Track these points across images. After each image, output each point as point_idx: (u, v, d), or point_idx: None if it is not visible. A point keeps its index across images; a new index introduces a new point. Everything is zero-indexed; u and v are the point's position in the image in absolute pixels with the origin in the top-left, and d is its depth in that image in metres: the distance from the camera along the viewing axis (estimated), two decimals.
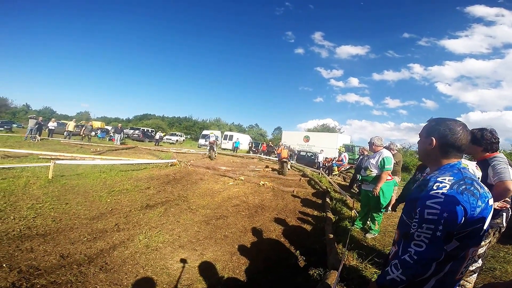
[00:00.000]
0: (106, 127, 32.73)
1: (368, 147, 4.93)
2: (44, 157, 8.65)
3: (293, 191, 7.62)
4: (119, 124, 23.23)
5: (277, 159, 13.84)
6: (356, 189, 9.28)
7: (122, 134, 20.46)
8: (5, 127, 24.54)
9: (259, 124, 66.23)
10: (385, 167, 4.20)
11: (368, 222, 4.72)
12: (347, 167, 12.79)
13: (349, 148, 20.41)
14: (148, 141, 28.54)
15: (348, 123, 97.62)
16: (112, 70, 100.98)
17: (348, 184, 10.29)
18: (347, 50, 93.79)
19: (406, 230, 1.19)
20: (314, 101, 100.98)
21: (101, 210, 4.60)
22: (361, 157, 9.20)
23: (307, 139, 26.20)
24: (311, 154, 19.13)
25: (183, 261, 3.22)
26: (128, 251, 3.30)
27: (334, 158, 16.01)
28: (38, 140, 15.06)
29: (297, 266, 3.36)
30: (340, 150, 15.51)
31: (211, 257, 3.39)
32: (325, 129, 47.41)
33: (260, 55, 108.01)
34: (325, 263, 3.10)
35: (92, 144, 16.43)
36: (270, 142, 25.41)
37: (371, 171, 4.37)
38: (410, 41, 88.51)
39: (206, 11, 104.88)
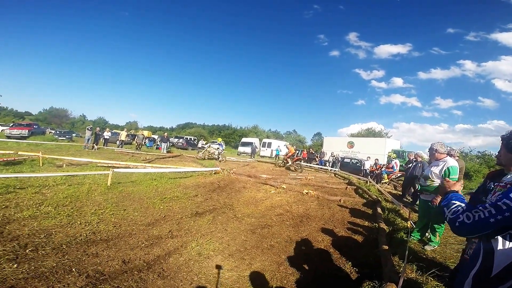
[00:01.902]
0: (153, 136, 35.00)
1: (424, 153, 4.48)
2: (101, 165, 9.43)
3: (339, 200, 7.25)
4: (165, 133, 24.63)
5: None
6: (410, 198, 8.56)
7: (168, 142, 21.62)
8: (67, 136, 26.79)
9: (297, 130, 65.32)
10: (451, 177, 3.77)
11: (427, 233, 4.41)
12: (398, 174, 11.84)
13: (399, 154, 18.88)
14: (192, 149, 29.77)
15: (395, 126, 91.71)
16: (157, 80, 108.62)
17: (400, 193, 9.52)
18: (386, 50, 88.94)
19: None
20: (355, 104, 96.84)
21: (155, 217, 4.78)
22: (414, 164, 8.48)
23: (351, 145, 24.92)
24: (356, 161, 18.14)
25: (234, 270, 3.22)
26: (183, 258, 3.37)
27: (383, 165, 14.98)
28: (95, 149, 16.58)
29: (349, 278, 3.20)
30: (390, 156, 14.51)
31: (259, 267, 3.35)
32: (371, 133, 45.04)
33: (294, 61, 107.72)
34: (379, 275, 2.94)
35: (142, 152, 17.59)
36: (310, 149, 24.53)
37: (433, 180, 3.99)
38: (456, 37, 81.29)
39: (240, 22, 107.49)
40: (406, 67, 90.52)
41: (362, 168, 15.63)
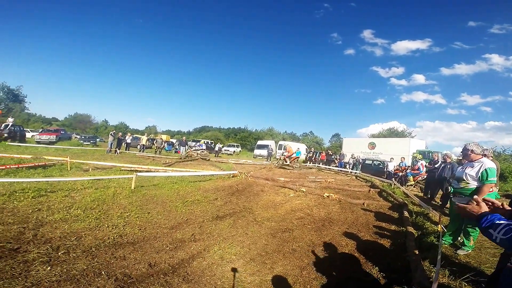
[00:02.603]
0: (171, 140, 35.79)
1: (452, 153, 4.26)
2: (125, 169, 9.72)
3: (363, 204, 7.07)
4: (183, 137, 25.13)
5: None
6: (439, 201, 8.20)
7: (186, 146, 22.03)
8: (91, 141, 27.71)
9: (313, 131, 64.28)
10: (489, 179, 3.58)
11: (459, 237, 4.25)
12: (425, 176, 11.33)
13: (424, 155, 17.95)
14: (209, 153, 30.11)
15: (419, 125, 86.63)
16: (174, 85, 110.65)
17: (428, 196, 9.15)
18: (404, 46, 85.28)
19: None
20: (374, 103, 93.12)
21: (178, 220, 4.86)
22: (442, 165, 8.12)
23: (372, 146, 24.01)
24: (378, 162, 17.54)
25: (256, 274, 3.21)
26: (206, 262, 3.39)
27: (408, 166, 14.39)
28: (117, 153, 17.14)
29: (376, 283, 3.12)
30: (416, 157, 13.91)
31: (281, 271, 3.32)
32: (393, 133, 43.62)
33: (308, 62, 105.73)
34: (409, 281, 2.86)
35: (162, 156, 18.02)
36: (329, 151, 23.91)
37: (468, 183, 3.78)
38: (479, 30, 76.24)
39: (253, 26, 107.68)
40: (427, 63, 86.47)
41: (385, 170, 15.07)
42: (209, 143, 35.11)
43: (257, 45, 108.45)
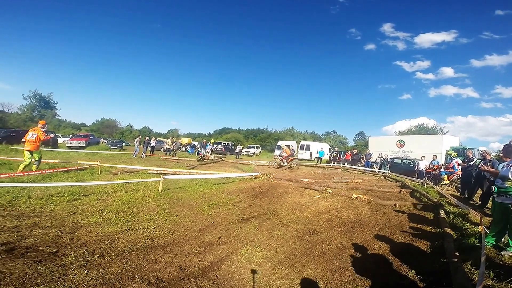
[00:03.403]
0: (193, 142, 36.49)
1: (489, 149, 3.95)
2: (151, 172, 9.99)
3: (394, 205, 6.75)
4: (204, 140, 25.49)
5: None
6: (478, 201, 7.69)
7: (207, 148, 22.34)
8: (118, 145, 28.78)
9: (336, 130, 62.85)
10: None
11: (503, 239, 4.07)
12: (460, 175, 10.63)
13: (459, 152, 16.84)
14: (230, 154, 30.40)
15: (450, 120, 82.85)
16: (195, 88, 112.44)
17: (466, 195, 8.62)
18: (428, 38, 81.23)
19: None
20: (400, 99, 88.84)
21: (205, 223, 4.88)
22: (482, 163, 7.59)
23: (401, 144, 22.87)
24: (408, 161, 16.74)
25: (285, 278, 3.16)
26: (234, 265, 3.38)
27: (442, 165, 13.59)
28: (143, 156, 17.68)
29: (413, 286, 3.01)
30: (451, 155, 13.11)
31: (311, 275, 3.25)
32: (422, 130, 41.89)
33: (327, 59, 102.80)
34: (449, 284, 2.78)
35: (185, 159, 18.37)
36: (355, 150, 23.01)
37: None
38: (508, 18, 70.72)
39: (270, 26, 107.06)
40: (455, 55, 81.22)
41: (415, 169, 14.34)
42: (229, 144, 35.40)
43: (275, 46, 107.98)
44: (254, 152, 34.56)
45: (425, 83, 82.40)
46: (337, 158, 21.88)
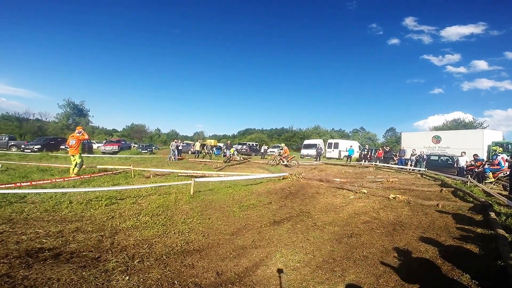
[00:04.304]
0: (219, 144, 36.99)
1: None
2: (182, 174, 10.19)
3: (437, 205, 6.31)
4: (228, 141, 25.76)
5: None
6: None
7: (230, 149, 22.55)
8: (148, 149, 30.21)
9: (364, 127, 60.63)
10: None
11: None
12: (507, 172, 9.69)
13: (504, 147, 15.58)
14: (255, 155, 30.41)
15: (487, 114, 77.19)
16: (218, 90, 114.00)
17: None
18: (456, 31, 76.83)
19: None
20: (430, 94, 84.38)
21: (237, 226, 4.82)
22: None
23: (437, 139, 21.37)
24: (446, 158, 15.66)
25: (325, 283, 3.00)
26: (270, 270, 3.27)
27: (486, 161, 12.53)
28: (172, 159, 18.17)
29: None
30: (496, 150, 12.06)
31: (353, 279, 3.07)
32: (459, 125, 39.52)
33: (350, 56, 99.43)
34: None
35: (212, 160, 18.63)
36: (387, 147, 21.78)
37: None
38: None
39: (290, 25, 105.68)
40: (486, 48, 75.50)
41: (455, 166, 13.38)
42: (254, 145, 35.43)
43: (293, 45, 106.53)
44: (279, 152, 34.26)
45: (457, 77, 77.98)
46: (368, 156, 21.01)
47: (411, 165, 16.99)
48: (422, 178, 12.00)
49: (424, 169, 14.22)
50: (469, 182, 9.34)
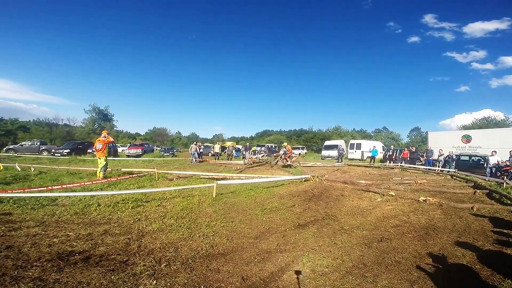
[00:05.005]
0: (237, 146, 37.17)
1: None
2: (203, 177, 10.28)
3: (471, 208, 5.94)
4: (247, 143, 25.81)
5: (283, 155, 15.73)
6: None
7: (250, 150, 22.60)
8: (170, 152, 30.80)
9: (387, 126, 58.64)
10: None
11: None
12: None
13: None
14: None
15: None
16: (236, 92, 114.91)
17: None
18: (479, 27, 73.01)
19: None
20: (456, 91, 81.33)
21: (261, 229, 4.75)
22: None
23: (467, 139, 20.17)
24: (478, 158, 14.75)
25: None
26: (296, 275, 3.16)
27: None
28: (193, 162, 18.42)
29: None
30: None
31: (386, 285, 2.97)
32: (490, 123, 37.47)
33: (369, 55, 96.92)
34: None
35: (232, 162, 18.71)
36: (413, 147, 20.79)
37: None
38: None
39: (309, 25, 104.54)
40: None
41: (486, 166, 12.57)
42: (273, 147, 35.23)
43: (312, 46, 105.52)
44: (300, 153, 33.79)
45: (484, 74, 75.09)
46: (393, 157, 20.19)
47: (439, 166, 16.13)
48: (453, 180, 11.37)
49: (454, 170, 13.44)
50: (505, 183, 8.70)
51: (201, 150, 22.26)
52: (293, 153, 16.26)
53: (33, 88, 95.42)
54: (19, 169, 10.61)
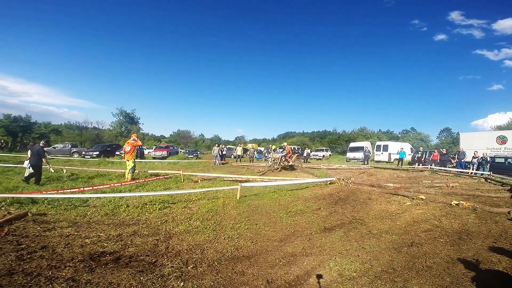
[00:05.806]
0: (259, 148, 37.14)
1: None
2: (227, 179, 10.39)
3: (508, 213, 5.53)
4: (270, 145, 25.74)
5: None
6: None
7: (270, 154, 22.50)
8: (194, 154, 31.44)
9: (415, 127, 56.05)
10: None
11: None
12: None
13: None
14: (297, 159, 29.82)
15: None
16: (257, 94, 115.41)
17: None
18: (509, 24, 68.79)
19: None
20: (488, 90, 77.14)
21: (285, 232, 4.70)
22: None
23: (502, 140, 18.72)
24: None
25: None
26: (323, 279, 3.11)
27: None
28: (217, 164, 18.67)
29: None
30: None
31: None
32: None
33: (394, 53, 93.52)
34: None
35: (254, 164, 18.74)
36: (444, 149, 19.55)
37: None
38: None
39: (332, 25, 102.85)
40: None
41: None
42: (296, 149, 34.83)
43: (333, 45, 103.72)
44: (323, 155, 33.13)
45: None
46: (422, 159, 19.13)
47: (473, 168, 15.08)
48: (487, 183, 10.66)
49: (489, 173, 12.53)
50: None
51: (224, 152, 22.54)
52: (292, 153, 15.69)
53: (64, 93, 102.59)
54: (65, 171, 11.06)
